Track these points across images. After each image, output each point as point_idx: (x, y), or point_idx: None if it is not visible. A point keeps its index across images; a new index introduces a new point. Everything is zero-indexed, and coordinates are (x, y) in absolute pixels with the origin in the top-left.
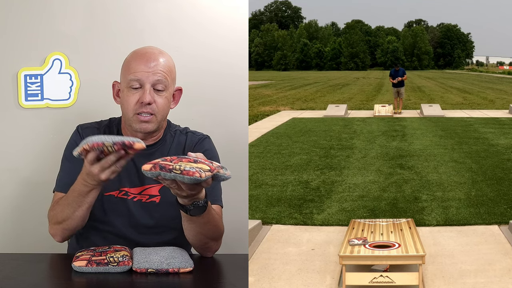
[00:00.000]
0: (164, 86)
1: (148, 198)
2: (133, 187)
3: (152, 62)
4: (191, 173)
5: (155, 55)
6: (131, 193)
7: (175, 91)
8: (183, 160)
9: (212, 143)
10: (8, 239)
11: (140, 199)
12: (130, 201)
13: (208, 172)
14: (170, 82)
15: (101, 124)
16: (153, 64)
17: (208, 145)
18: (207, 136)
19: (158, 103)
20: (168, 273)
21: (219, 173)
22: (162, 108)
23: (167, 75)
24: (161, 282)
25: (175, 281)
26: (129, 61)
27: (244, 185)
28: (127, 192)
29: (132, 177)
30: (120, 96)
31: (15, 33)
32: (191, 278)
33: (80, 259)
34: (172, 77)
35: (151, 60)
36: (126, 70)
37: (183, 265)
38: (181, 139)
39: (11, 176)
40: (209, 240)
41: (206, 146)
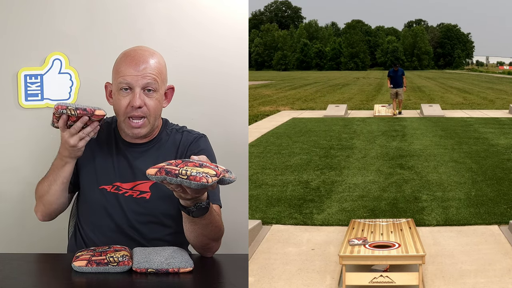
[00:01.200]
0: (154, 88)
1: (139, 194)
2: (125, 182)
3: (141, 64)
4: (198, 179)
5: (144, 57)
6: (123, 188)
7: (167, 90)
8: (188, 164)
9: (208, 142)
10: (8, 239)
11: (131, 195)
12: (121, 196)
13: (215, 177)
14: (160, 83)
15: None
16: (143, 66)
17: (204, 144)
18: (203, 135)
19: (149, 105)
20: (168, 273)
21: (225, 177)
22: (153, 110)
23: (157, 76)
24: (161, 282)
25: (175, 281)
26: (118, 64)
27: (244, 185)
28: (119, 187)
29: (124, 172)
30: (112, 98)
31: (15, 33)
32: (191, 278)
33: (80, 259)
34: (163, 78)
35: (140, 62)
36: (116, 73)
37: (183, 265)
38: (177, 138)
39: (11, 176)
40: (210, 240)
41: (202, 145)
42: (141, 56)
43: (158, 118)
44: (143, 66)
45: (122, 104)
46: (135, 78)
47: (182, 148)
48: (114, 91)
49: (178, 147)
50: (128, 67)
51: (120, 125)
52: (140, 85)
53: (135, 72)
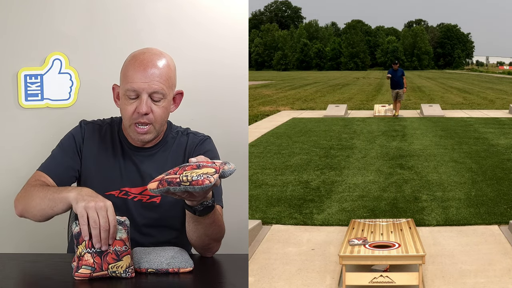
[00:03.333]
0: (162, 95)
1: (149, 198)
2: (133, 187)
3: (149, 70)
4: (200, 182)
5: (153, 62)
6: (132, 193)
7: (176, 95)
8: (186, 168)
9: (213, 143)
10: (8, 239)
11: (141, 199)
12: (131, 201)
13: (215, 174)
14: (168, 90)
15: (104, 122)
16: (151, 72)
17: (209, 145)
18: (208, 136)
19: (155, 112)
20: (168, 273)
21: (225, 170)
22: (160, 117)
23: (165, 84)
24: (161, 282)
25: (175, 281)
26: (127, 67)
27: (244, 185)
28: (127, 192)
29: (132, 177)
30: (119, 100)
31: (15, 33)
32: (191, 278)
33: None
34: (171, 84)
35: (148, 67)
36: (124, 78)
37: (183, 265)
38: (182, 140)
39: (11, 176)
40: (212, 241)
41: (208, 147)
42: (149, 61)
43: (164, 123)
44: (151, 71)
45: (129, 110)
46: (142, 85)
47: (189, 150)
48: (121, 95)
49: (185, 149)
50: (136, 72)
51: (126, 130)
52: (147, 92)
53: (143, 78)
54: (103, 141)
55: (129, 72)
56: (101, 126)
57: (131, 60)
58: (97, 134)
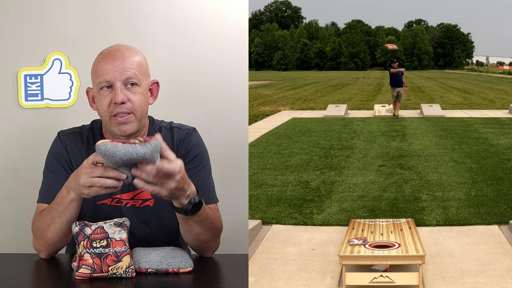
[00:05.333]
0: (136, 82)
1: (142, 202)
2: (124, 193)
3: (118, 60)
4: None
5: (120, 52)
6: (124, 199)
7: (152, 85)
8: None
9: (198, 135)
10: (8, 239)
11: (133, 204)
12: (124, 208)
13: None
14: (142, 77)
15: (83, 129)
16: (120, 61)
17: (195, 139)
18: (193, 128)
19: (133, 100)
20: (168, 273)
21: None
22: (139, 105)
23: (137, 70)
24: (161, 282)
25: (175, 281)
26: (96, 64)
27: (244, 185)
28: (120, 199)
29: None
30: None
31: (15, 33)
32: (191, 278)
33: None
34: (144, 71)
35: (116, 58)
36: (94, 73)
37: (183, 265)
38: (168, 136)
39: (11, 176)
40: (208, 238)
41: (194, 141)
42: (117, 52)
43: (145, 115)
44: (120, 60)
45: (104, 103)
46: (114, 74)
47: (175, 146)
48: (95, 92)
49: (172, 145)
50: (105, 64)
51: (107, 126)
52: (120, 80)
53: (113, 67)
54: (87, 149)
55: (99, 66)
56: (81, 133)
57: (99, 56)
58: (79, 142)
